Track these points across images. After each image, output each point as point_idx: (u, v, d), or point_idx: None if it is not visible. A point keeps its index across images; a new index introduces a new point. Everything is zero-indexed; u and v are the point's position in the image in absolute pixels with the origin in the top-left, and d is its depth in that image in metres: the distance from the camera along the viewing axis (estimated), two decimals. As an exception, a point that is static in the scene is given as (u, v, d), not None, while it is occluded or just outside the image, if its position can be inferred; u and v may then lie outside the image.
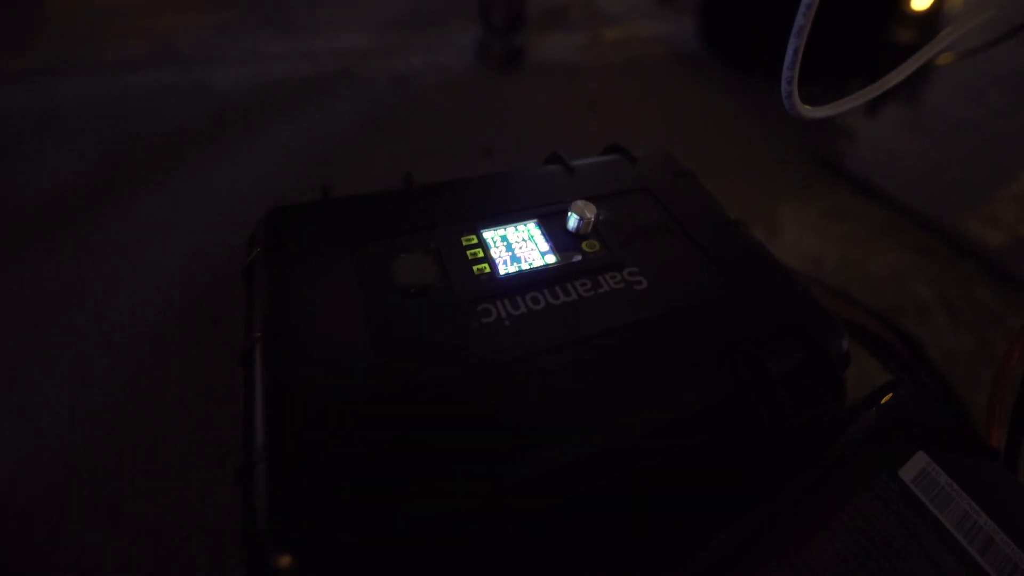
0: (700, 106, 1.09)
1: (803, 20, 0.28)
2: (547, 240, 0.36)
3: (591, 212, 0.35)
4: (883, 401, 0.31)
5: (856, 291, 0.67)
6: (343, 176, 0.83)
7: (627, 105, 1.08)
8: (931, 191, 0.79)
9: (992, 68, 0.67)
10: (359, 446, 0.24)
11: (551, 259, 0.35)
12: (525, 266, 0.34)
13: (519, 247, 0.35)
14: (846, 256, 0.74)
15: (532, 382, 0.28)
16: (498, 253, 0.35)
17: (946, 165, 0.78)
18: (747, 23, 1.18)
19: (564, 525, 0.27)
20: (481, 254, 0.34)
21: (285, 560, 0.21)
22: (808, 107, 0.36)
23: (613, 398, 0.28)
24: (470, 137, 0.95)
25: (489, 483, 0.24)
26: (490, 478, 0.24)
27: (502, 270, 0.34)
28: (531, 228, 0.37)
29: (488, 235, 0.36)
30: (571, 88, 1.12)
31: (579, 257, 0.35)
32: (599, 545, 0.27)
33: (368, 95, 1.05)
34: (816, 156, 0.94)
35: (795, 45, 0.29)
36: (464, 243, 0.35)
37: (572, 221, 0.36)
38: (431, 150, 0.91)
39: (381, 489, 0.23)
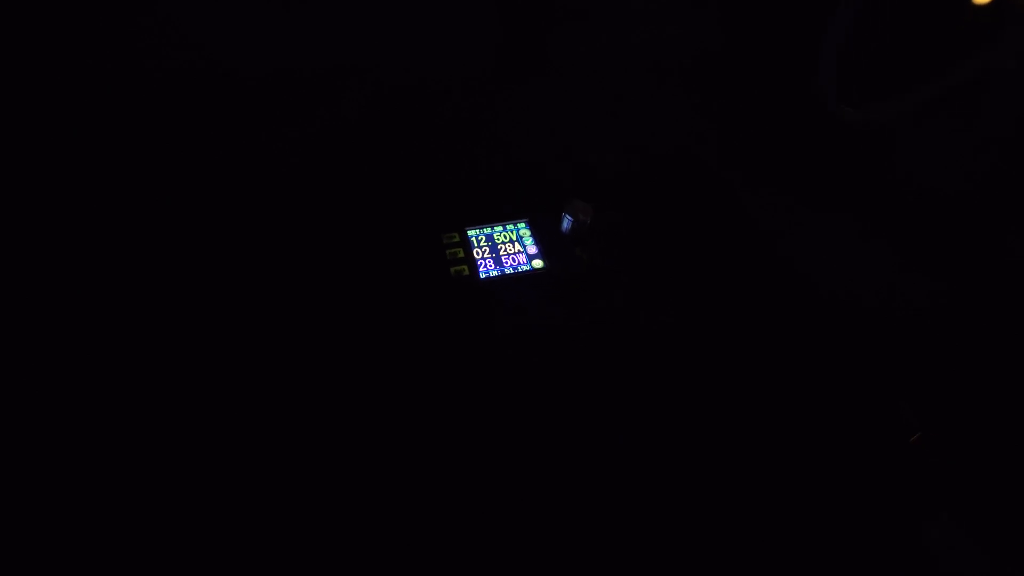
0: (727, 113, 1.03)
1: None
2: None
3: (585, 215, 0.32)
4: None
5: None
6: (349, 184, 0.79)
7: (651, 111, 1.03)
8: (977, 213, 0.71)
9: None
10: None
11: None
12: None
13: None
14: (879, 285, 0.68)
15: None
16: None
17: (995, 183, 0.71)
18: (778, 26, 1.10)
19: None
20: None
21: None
22: (850, 108, 0.31)
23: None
24: (486, 143, 0.91)
25: None
26: None
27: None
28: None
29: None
30: (593, 92, 1.07)
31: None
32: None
33: (374, 98, 1.01)
34: (853, 167, 0.87)
35: (839, 34, 0.25)
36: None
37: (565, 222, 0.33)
38: (445, 157, 0.87)
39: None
